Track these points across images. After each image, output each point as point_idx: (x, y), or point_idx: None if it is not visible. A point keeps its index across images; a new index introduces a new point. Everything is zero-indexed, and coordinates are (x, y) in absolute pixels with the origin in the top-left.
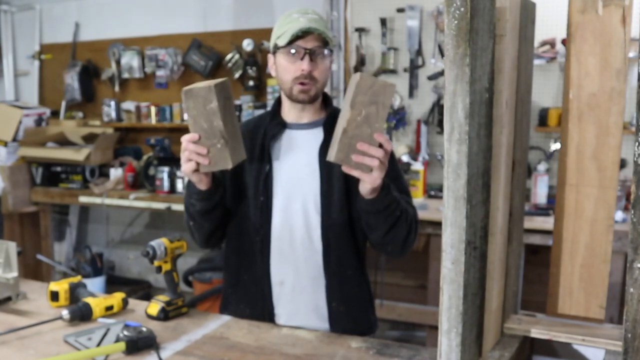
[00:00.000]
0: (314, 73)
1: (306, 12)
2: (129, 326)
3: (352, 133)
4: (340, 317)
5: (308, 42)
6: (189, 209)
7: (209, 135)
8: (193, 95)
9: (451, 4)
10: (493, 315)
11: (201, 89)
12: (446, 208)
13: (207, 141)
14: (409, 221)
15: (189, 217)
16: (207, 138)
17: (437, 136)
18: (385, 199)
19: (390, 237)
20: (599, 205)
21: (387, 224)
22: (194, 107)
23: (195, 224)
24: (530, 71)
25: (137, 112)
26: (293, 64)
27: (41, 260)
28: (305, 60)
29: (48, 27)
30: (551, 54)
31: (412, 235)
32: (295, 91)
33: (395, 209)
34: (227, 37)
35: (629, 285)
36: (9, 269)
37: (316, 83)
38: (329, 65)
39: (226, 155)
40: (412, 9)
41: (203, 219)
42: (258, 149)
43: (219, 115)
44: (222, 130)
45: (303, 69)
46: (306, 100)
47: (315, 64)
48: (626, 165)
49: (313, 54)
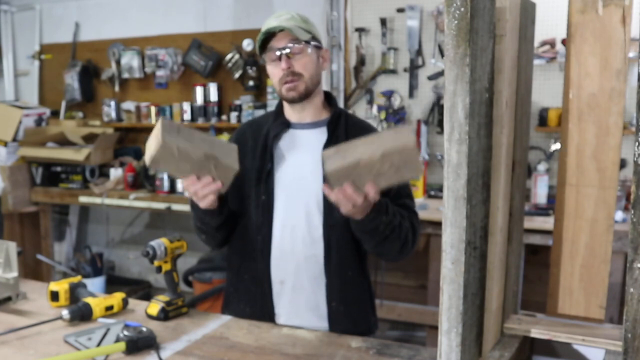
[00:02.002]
0: (296, 68)
1: (280, 15)
2: (129, 326)
3: (360, 172)
4: (340, 317)
5: (280, 41)
6: (201, 228)
7: (199, 167)
8: (157, 160)
9: (451, 4)
10: (493, 315)
11: (156, 150)
12: (446, 208)
13: (203, 172)
14: (402, 237)
15: (200, 232)
16: (200, 170)
17: (437, 136)
18: (371, 223)
19: (380, 250)
20: (599, 205)
21: (375, 240)
22: (166, 165)
23: (208, 237)
24: (530, 71)
25: (137, 112)
26: (276, 67)
27: (41, 260)
28: (283, 59)
29: (48, 27)
30: (551, 54)
31: (409, 246)
32: (284, 91)
33: (384, 230)
34: (227, 37)
35: (629, 285)
36: (9, 269)
37: (302, 78)
38: (315, 59)
39: (225, 164)
40: (412, 9)
41: (217, 232)
42: (260, 148)
43: (188, 149)
44: (203, 154)
45: (282, 67)
46: (296, 97)
47: (294, 60)
48: (626, 165)
49: (289, 52)
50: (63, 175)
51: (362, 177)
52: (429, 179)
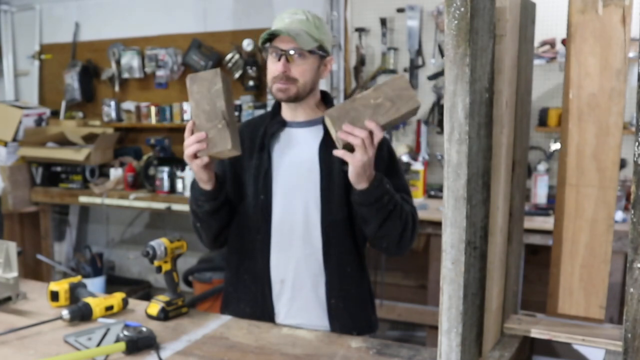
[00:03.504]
0: (292, 73)
1: (295, 13)
2: (129, 326)
3: (357, 105)
4: (340, 314)
5: (284, 42)
6: (196, 211)
7: (210, 117)
8: (198, 79)
9: (451, 4)
10: (493, 315)
11: (207, 73)
12: (446, 208)
13: (208, 123)
14: (403, 217)
15: (195, 219)
16: (208, 120)
17: (437, 136)
18: (376, 190)
19: (384, 231)
20: (599, 205)
21: (379, 216)
22: (198, 91)
23: (202, 224)
24: (530, 71)
25: (137, 112)
26: (273, 64)
27: (41, 260)
28: (281, 61)
29: (48, 27)
30: (551, 54)
31: (408, 233)
32: (274, 90)
33: (387, 202)
34: (227, 37)
35: (629, 285)
36: (9, 269)
37: (296, 83)
38: (315, 66)
39: (226, 135)
40: (412, 9)
41: (211, 219)
42: (258, 147)
43: (222, 97)
44: (224, 111)
45: (277, 69)
46: (284, 99)
47: (292, 65)
48: (626, 165)
49: (288, 55)
50: (63, 175)
51: (360, 115)
52: (429, 179)
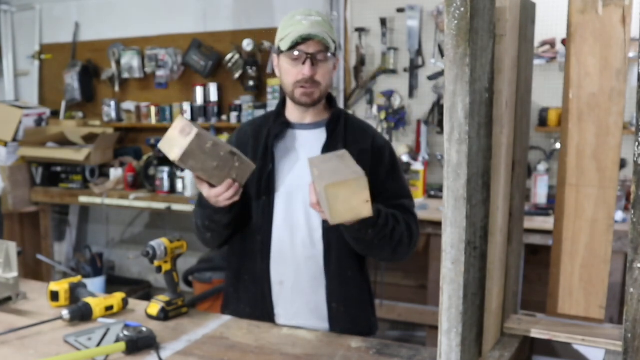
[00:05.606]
0: (317, 77)
1: (309, 14)
2: (129, 326)
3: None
4: (340, 318)
5: (310, 46)
6: (209, 226)
7: (223, 165)
8: (188, 153)
9: (451, 4)
10: (493, 315)
11: (191, 143)
12: (446, 208)
13: (224, 171)
14: (394, 243)
15: (207, 231)
16: (222, 169)
17: (437, 136)
18: (357, 233)
19: (369, 254)
20: (599, 205)
21: (360, 247)
22: (195, 162)
23: (214, 235)
24: (530, 71)
25: (137, 112)
26: (295, 68)
27: (41, 260)
28: (307, 65)
29: (48, 27)
30: (551, 54)
31: (403, 250)
32: (298, 94)
33: (372, 239)
34: (227, 37)
35: (629, 285)
36: (9, 269)
37: (319, 86)
38: (332, 68)
39: (245, 161)
40: (412, 9)
41: (226, 229)
42: (261, 149)
43: (217, 144)
44: (229, 150)
45: (304, 73)
46: (309, 103)
47: (317, 68)
48: (626, 165)
49: (315, 58)
50: (63, 175)
51: None
52: (429, 179)
